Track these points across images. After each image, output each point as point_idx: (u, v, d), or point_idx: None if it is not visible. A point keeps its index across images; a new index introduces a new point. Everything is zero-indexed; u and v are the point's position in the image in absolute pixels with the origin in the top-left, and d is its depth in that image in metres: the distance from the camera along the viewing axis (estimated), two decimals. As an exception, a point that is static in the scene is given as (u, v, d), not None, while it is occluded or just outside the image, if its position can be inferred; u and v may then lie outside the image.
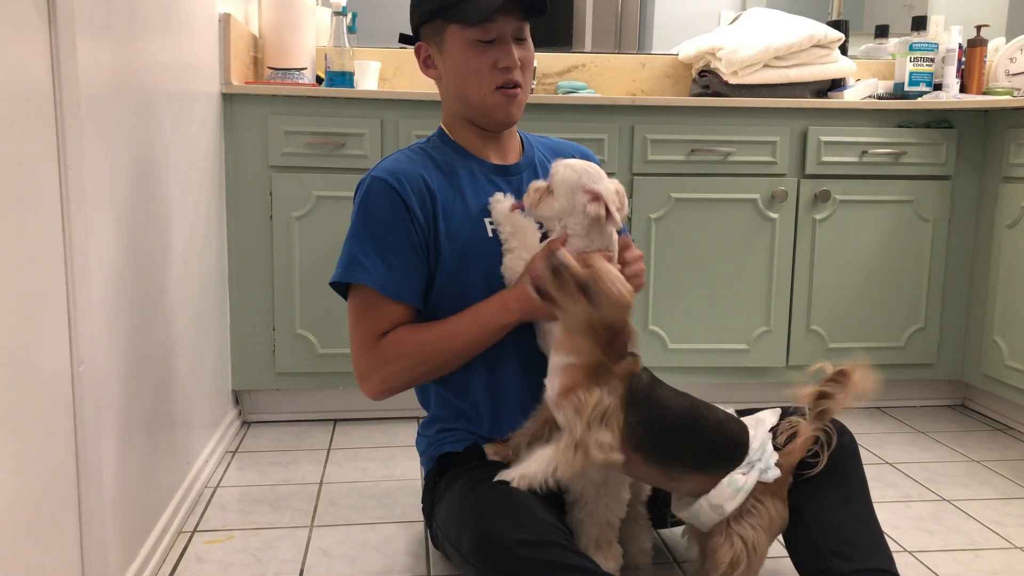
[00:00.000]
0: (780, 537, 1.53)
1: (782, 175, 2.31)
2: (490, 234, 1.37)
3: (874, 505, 1.29)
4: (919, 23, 2.61)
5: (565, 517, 1.32)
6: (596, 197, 1.25)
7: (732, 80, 2.40)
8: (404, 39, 1.48)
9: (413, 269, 1.34)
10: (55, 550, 1.08)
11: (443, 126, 1.46)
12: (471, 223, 1.37)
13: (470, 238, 1.36)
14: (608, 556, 1.29)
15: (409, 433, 2.19)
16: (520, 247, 1.33)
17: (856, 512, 1.24)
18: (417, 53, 1.42)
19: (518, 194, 1.38)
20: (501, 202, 1.36)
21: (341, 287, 1.37)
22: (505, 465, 1.30)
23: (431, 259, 1.36)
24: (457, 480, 1.33)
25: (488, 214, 1.38)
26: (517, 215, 1.35)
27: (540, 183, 1.31)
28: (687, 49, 2.62)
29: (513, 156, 1.47)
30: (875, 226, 2.36)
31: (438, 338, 1.33)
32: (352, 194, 1.35)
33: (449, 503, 1.31)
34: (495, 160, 1.44)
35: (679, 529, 1.52)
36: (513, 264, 1.34)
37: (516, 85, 1.36)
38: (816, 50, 2.45)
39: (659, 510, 1.43)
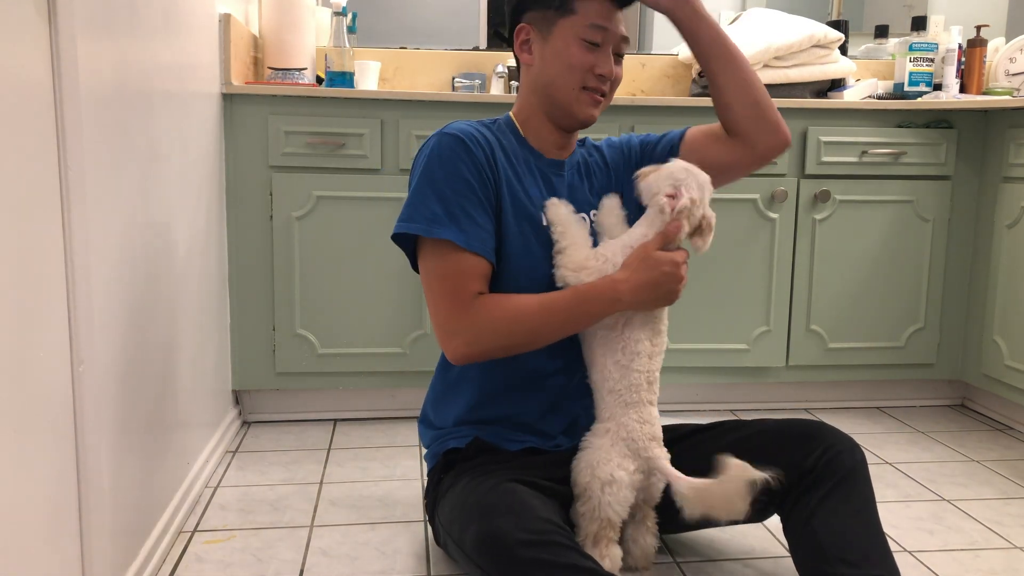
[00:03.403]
0: (784, 540, 1.53)
1: (782, 175, 2.31)
2: (544, 222, 1.37)
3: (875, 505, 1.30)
4: (919, 23, 2.61)
5: (569, 512, 1.33)
6: (673, 196, 1.29)
7: (732, 80, 2.40)
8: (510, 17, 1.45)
9: (490, 224, 1.32)
10: (55, 550, 1.08)
11: (512, 116, 1.44)
12: (533, 207, 1.37)
13: (532, 220, 1.36)
14: (604, 555, 1.30)
15: (409, 433, 2.19)
16: (572, 246, 1.34)
17: (865, 524, 1.25)
18: (516, 35, 1.39)
19: (559, 191, 1.41)
20: (556, 206, 1.36)
21: (409, 241, 1.32)
22: (503, 469, 1.32)
23: (499, 227, 1.34)
24: (461, 477, 1.33)
25: (540, 205, 1.38)
26: (571, 217, 1.36)
27: (651, 167, 1.35)
28: (687, 49, 2.61)
29: (567, 155, 1.47)
30: (875, 226, 2.36)
31: (536, 310, 1.28)
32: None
33: (452, 501, 1.31)
34: (552, 157, 1.44)
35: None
36: (565, 263, 1.33)
37: (603, 94, 1.38)
38: (816, 50, 2.45)
39: (667, 514, 1.43)
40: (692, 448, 1.40)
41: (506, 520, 1.15)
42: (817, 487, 1.28)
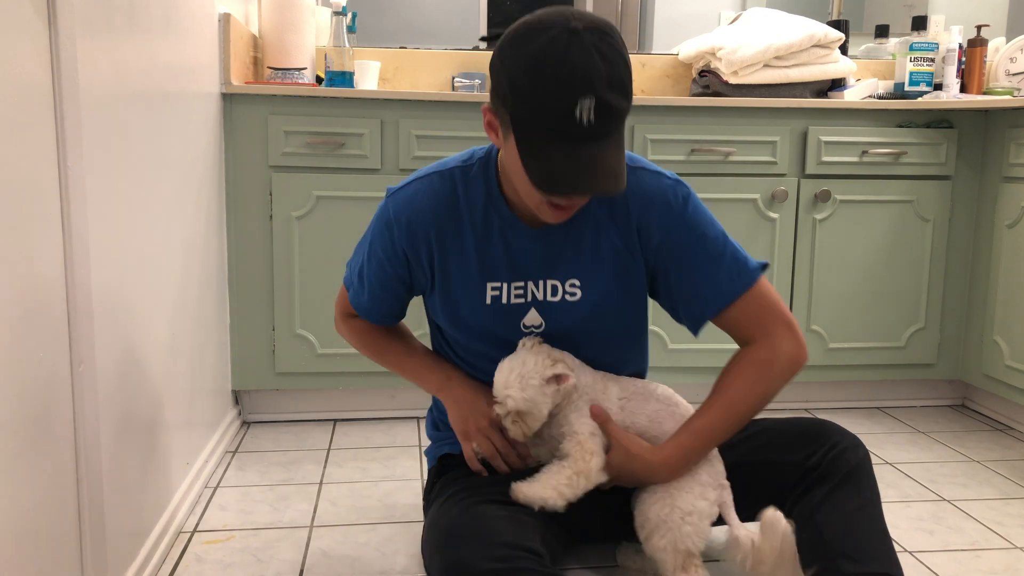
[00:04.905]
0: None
1: (782, 175, 2.31)
2: (488, 301, 1.31)
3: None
4: (919, 23, 2.61)
5: (642, 544, 1.30)
6: (558, 378, 1.24)
7: (732, 80, 2.40)
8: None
9: (388, 303, 1.39)
10: (55, 550, 1.08)
11: (498, 160, 1.29)
12: (469, 290, 1.31)
13: (464, 302, 1.31)
14: None
15: (409, 433, 2.19)
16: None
17: (868, 520, 1.25)
18: (485, 113, 1.20)
19: (543, 264, 1.30)
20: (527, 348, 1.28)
21: None
22: (488, 484, 1.31)
23: (427, 297, 1.38)
24: (446, 490, 1.33)
25: (492, 278, 1.30)
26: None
27: (503, 420, 1.27)
28: (687, 49, 2.62)
29: None
30: (875, 226, 2.36)
31: (390, 356, 1.45)
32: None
33: (429, 519, 1.30)
34: (527, 218, 1.29)
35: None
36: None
37: (571, 207, 1.20)
38: (816, 50, 2.45)
39: None
40: None
41: (469, 548, 1.14)
42: (822, 483, 1.28)
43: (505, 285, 1.31)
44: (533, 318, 1.31)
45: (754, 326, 1.30)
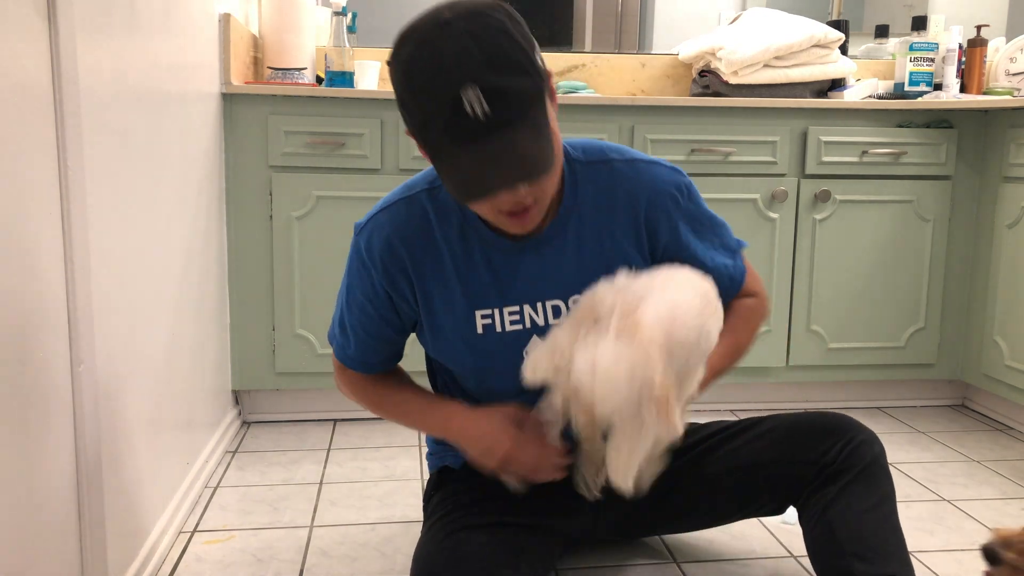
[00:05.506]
0: (785, 542, 1.53)
1: (782, 175, 2.31)
2: (480, 330, 1.20)
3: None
4: (919, 23, 2.61)
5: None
6: (662, 406, 0.97)
7: (732, 80, 2.40)
8: None
9: (375, 348, 1.28)
10: (55, 550, 1.08)
11: None
12: (458, 322, 1.20)
13: (454, 334, 1.22)
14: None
15: (409, 433, 2.19)
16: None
17: (881, 519, 1.23)
18: (410, 135, 1.06)
19: (536, 284, 1.18)
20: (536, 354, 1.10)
21: None
22: (479, 505, 1.28)
23: (417, 329, 1.28)
24: (437, 511, 1.31)
25: (480, 305, 1.19)
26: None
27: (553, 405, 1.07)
28: (687, 49, 2.62)
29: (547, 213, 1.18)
30: (875, 226, 2.36)
31: (393, 404, 1.34)
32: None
33: (416, 546, 1.28)
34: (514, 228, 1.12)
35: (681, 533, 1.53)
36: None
37: (525, 209, 1.06)
38: (816, 50, 2.45)
39: (668, 515, 1.42)
40: (723, 443, 1.37)
41: None
42: (836, 479, 1.25)
43: (496, 312, 1.19)
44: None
45: (743, 294, 1.33)
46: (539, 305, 1.19)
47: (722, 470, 1.35)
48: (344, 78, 2.28)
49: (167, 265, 1.60)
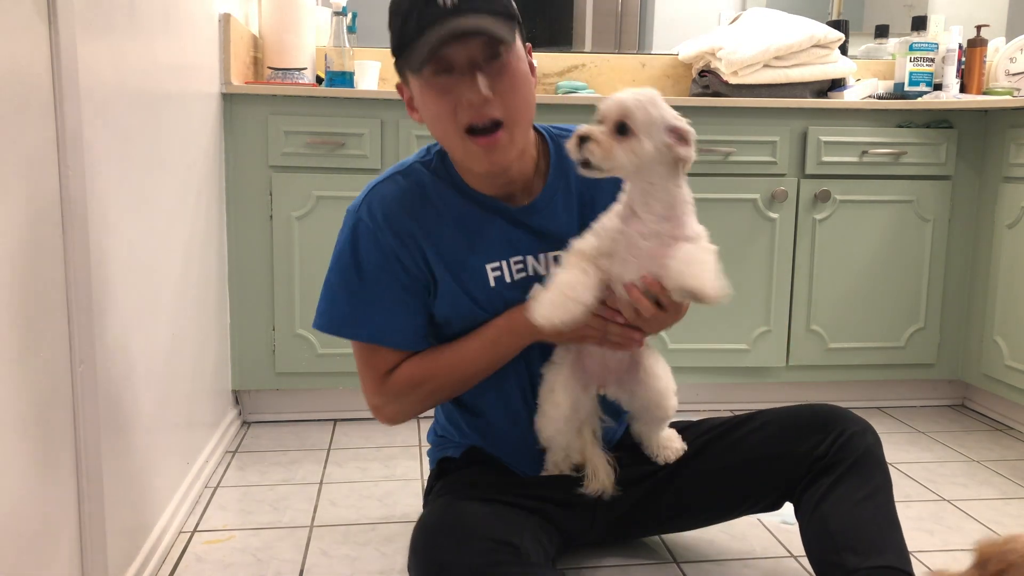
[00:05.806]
0: (784, 542, 1.53)
1: (782, 175, 2.31)
2: (492, 283, 1.26)
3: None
4: (919, 23, 2.61)
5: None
6: (683, 137, 1.07)
7: (732, 80, 2.40)
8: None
9: (406, 315, 1.26)
10: (55, 550, 1.08)
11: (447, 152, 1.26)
12: (472, 277, 1.25)
13: (475, 295, 1.25)
14: None
15: (409, 433, 2.19)
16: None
17: (876, 510, 1.23)
18: (400, 93, 1.22)
19: (536, 240, 1.25)
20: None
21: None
22: (481, 487, 1.30)
23: (429, 300, 1.28)
24: (440, 494, 1.33)
25: (489, 259, 1.25)
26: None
27: (596, 128, 1.08)
28: (687, 49, 2.62)
29: (532, 184, 1.27)
30: (875, 226, 2.36)
31: (448, 365, 1.27)
32: (352, 194, 1.31)
33: (418, 519, 1.28)
34: (501, 196, 1.25)
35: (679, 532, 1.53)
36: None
37: (494, 124, 1.12)
38: (816, 50, 2.45)
39: (668, 515, 1.42)
40: (717, 440, 1.38)
41: (449, 549, 1.13)
42: (830, 471, 1.26)
43: (504, 263, 1.26)
44: None
45: None
46: (541, 256, 1.27)
47: (716, 467, 1.35)
48: (344, 78, 2.28)
49: (167, 265, 1.60)
